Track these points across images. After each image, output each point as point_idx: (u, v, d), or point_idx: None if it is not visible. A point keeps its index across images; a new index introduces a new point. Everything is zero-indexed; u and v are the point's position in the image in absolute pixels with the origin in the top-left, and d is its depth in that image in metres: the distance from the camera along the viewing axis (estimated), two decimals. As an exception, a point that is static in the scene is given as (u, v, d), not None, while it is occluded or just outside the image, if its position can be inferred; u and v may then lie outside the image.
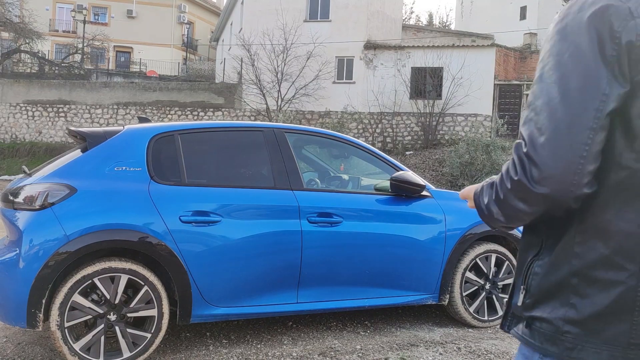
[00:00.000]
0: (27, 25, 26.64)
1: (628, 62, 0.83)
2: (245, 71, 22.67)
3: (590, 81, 0.84)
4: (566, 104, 0.85)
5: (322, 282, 3.55)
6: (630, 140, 0.86)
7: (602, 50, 0.84)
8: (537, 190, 0.87)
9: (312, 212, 3.46)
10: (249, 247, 3.32)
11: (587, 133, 0.84)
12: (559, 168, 0.85)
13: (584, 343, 0.89)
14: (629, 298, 0.86)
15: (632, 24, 0.83)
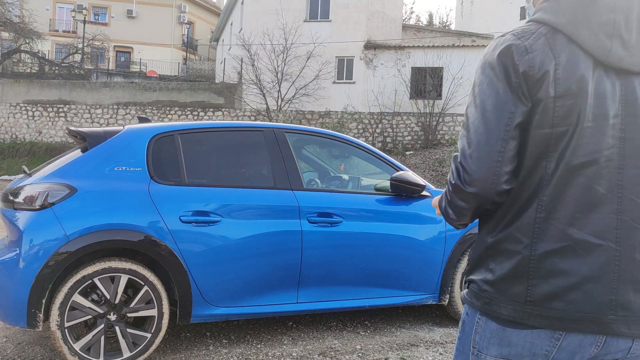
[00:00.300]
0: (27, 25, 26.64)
1: (527, 86, 1.09)
2: (245, 71, 22.67)
3: (500, 103, 1.11)
4: (484, 122, 1.11)
5: (322, 282, 3.55)
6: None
7: (509, 78, 1.10)
8: (468, 190, 1.14)
9: (312, 212, 3.46)
10: (249, 247, 3.32)
11: (500, 143, 1.10)
12: (482, 172, 1.11)
13: (495, 299, 1.15)
14: (525, 265, 1.11)
15: (527, 58, 1.10)
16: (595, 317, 1.07)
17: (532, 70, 1.09)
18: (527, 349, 1.12)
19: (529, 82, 1.09)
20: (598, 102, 1.08)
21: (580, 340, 1.09)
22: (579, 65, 1.09)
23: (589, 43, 1.09)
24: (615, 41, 1.09)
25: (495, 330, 1.15)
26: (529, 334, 1.11)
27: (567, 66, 1.09)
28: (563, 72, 1.09)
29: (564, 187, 1.10)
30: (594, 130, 1.08)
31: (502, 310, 1.14)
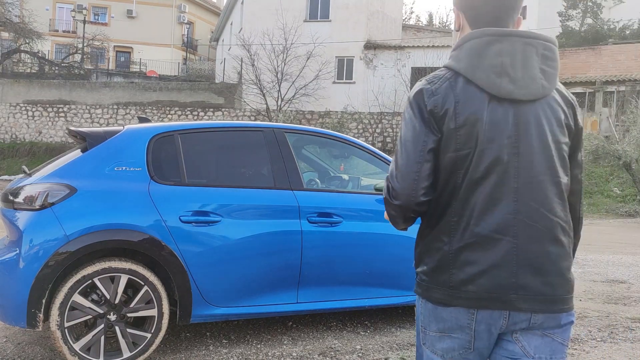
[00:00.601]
0: (27, 25, 26.64)
1: (434, 121, 1.38)
2: (245, 71, 22.67)
3: (416, 134, 1.39)
4: (405, 150, 1.40)
5: (322, 282, 3.55)
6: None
7: (422, 115, 1.39)
8: (395, 203, 1.43)
9: (312, 212, 3.45)
10: (249, 247, 3.32)
11: (417, 165, 1.38)
12: (403, 189, 1.40)
13: (430, 286, 1.46)
14: (446, 258, 1.41)
15: (433, 99, 1.38)
16: (500, 296, 1.35)
17: (437, 108, 1.39)
18: (455, 323, 1.42)
19: (436, 118, 1.39)
20: (492, 128, 1.36)
21: (490, 314, 1.37)
22: (475, 100, 1.37)
23: (483, 82, 1.37)
24: (504, 78, 1.36)
25: (432, 310, 1.46)
26: (453, 311, 1.41)
27: (464, 103, 1.37)
28: (461, 108, 1.37)
29: (469, 196, 1.38)
30: (490, 150, 1.35)
31: (434, 294, 1.44)
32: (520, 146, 1.36)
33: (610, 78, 20.58)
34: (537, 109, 1.39)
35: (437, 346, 1.47)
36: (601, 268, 6.60)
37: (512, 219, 1.36)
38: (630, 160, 15.02)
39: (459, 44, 1.44)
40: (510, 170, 1.36)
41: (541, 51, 1.41)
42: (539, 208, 1.36)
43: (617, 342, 3.75)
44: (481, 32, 1.41)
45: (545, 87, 1.39)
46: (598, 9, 27.66)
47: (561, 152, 1.40)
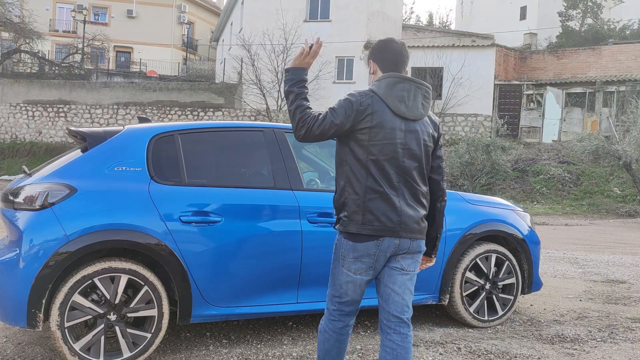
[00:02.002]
0: (27, 25, 26.63)
1: (354, 115, 2.24)
2: (245, 71, 22.66)
3: (338, 115, 2.25)
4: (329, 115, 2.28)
5: (322, 282, 3.55)
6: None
7: (350, 107, 2.26)
8: (300, 134, 2.27)
9: (312, 212, 3.45)
10: (249, 247, 3.32)
11: (329, 127, 2.25)
12: (314, 136, 2.26)
13: (349, 223, 2.28)
14: (360, 206, 2.25)
15: (362, 104, 2.25)
16: (393, 229, 2.27)
17: (361, 108, 2.26)
18: (365, 251, 2.29)
19: (357, 114, 2.25)
20: (392, 131, 2.27)
21: (389, 241, 2.28)
22: (385, 114, 2.27)
23: (390, 104, 2.29)
24: (402, 105, 2.30)
25: (352, 245, 2.30)
26: (366, 245, 2.28)
27: (379, 113, 2.26)
28: (376, 116, 2.26)
29: (374, 169, 2.27)
30: (389, 144, 2.26)
31: (351, 229, 2.28)
32: (406, 143, 2.30)
33: (611, 78, 20.59)
34: (417, 125, 2.33)
35: (352, 267, 2.32)
36: (601, 268, 6.60)
37: (397, 184, 2.29)
38: (630, 160, 15.02)
39: (380, 79, 2.35)
40: (398, 156, 2.28)
41: (423, 93, 2.38)
42: (410, 180, 2.32)
43: (617, 342, 3.75)
44: (394, 75, 2.36)
45: (423, 114, 2.36)
46: (598, 9, 27.66)
47: (427, 149, 2.37)
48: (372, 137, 2.24)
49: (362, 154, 2.25)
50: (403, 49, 2.45)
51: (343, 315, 2.40)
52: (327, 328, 2.42)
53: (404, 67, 2.44)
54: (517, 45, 25.04)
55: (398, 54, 2.42)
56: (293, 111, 2.28)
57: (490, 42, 23.22)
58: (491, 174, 17.85)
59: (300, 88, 2.32)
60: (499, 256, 4.03)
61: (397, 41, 2.47)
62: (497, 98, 21.52)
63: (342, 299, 2.37)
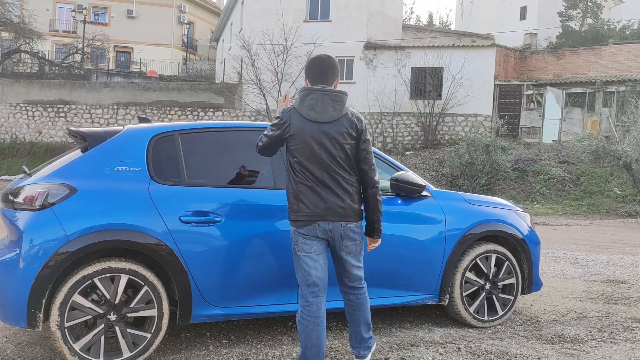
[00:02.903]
0: (27, 25, 26.64)
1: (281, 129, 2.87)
2: (245, 71, 22.67)
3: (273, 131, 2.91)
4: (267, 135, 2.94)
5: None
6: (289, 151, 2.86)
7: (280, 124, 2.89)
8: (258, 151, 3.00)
9: None
10: (249, 247, 3.32)
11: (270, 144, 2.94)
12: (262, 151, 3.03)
13: (291, 213, 2.87)
14: (294, 198, 2.82)
15: (282, 117, 2.89)
16: (323, 214, 2.76)
17: (282, 122, 2.83)
18: (308, 232, 2.80)
19: (281, 128, 2.83)
20: (307, 136, 2.76)
21: (324, 225, 2.78)
22: (300, 122, 2.78)
23: (303, 113, 2.78)
24: (313, 111, 2.77)
25: (294, 228, 2.85)
26: (305, 225, 2.79)
27: (294, 123, 2.79)
28: (293, 126, 2.79)
29: (298, 167, 2.79)
30: (305, 146, 2.76)
31: (293, 217, 2.83)
32: (322, 143, 2.76)
33: (611, 78, 20.59)
34: (330, 126, 2.78)
35: (305, 248, 2.81)
36: (601, 268, 6.60)
37: (321, 177, 2.76)
38: (630, 160, 15.02)
39: (297, 93, 2.86)
40: (317, 154, 2.75)
41: (332, 98, 2.82)
42: (333, 173, 2.77)
43: (617, 342, 3.75)
44: (303, 89, 2.86)
45: (335, 115, 2.79)
46: (598, 9, 27.66)
47: (343, 146, 2.78)
48: (294, 143, 2.79)
49: (290, 157, 2.82)
50: (327, 61, 2.91)
51: (314, 297, 2.77)
52: (304, 315, 2.75)
53: (331, 77, 2.90)
54: (517, 45, 25.04)
55: (321, 67, 2.89)
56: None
57: (490, 42, 23.22)
58: (491, 174, 17.85)
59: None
60: (499, 256, 4.03)
61: (322, 56, 2.96)
62: (497, 98, 21.53)
63: (308, 280, 2.78)
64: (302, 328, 2.75)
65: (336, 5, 22.90)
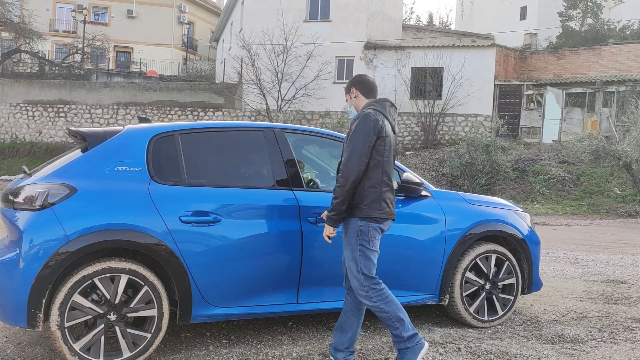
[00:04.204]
0: (27, 25, 26.64)
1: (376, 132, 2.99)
2: (246, 71, 22.66)
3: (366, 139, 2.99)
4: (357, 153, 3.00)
5: (322, 282, 3.55)
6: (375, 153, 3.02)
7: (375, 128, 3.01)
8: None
9: (313, 212, 3.45)
10: (249, 247, 3.32)
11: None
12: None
13: (371, 211, 2.99)
14: (380, 197, 3.04)
15: (379, 122, 3.02)
16: (392, 213, 3.09)
17: (377, 124, 2.99)
18: (385, 227, 3.09)
19: (377, 130, 2.99)
20: (392, 140, 3.10)
21: (390, 222, 3.14)
22: (387, 126, 3.04)
23: (390, 120, 3.11)
24: (393, 120, 3.15)
25: (378, 224, 3.03)
26: (385, 221, 3.05)
27: (384, 126, 3.02)
28: (386, 129, 3.02)
29: (385, 167, 3.02)
30: (390, 149, 3.07)
31: (376, 215, 2.98)
32: (396, 150, 3.16)
33: (611, 78, 20.59)
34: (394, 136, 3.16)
35: (376, 245, 3.04)
36: (601, 268, 6.60)
37: (392, 179, 3.11)
38: (630, 160, 15.01)
39: (377, 101, 3.15)
40: (393, 159, 3.13)
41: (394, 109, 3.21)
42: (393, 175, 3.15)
43: (617, 342, 3.75)
44: (382, 99, 3.17)
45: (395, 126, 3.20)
46: (598, 9, 27.66)
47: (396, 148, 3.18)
48: (385, 145, 3.01)
49: (379, 156, 2.99)
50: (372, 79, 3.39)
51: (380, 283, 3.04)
52: (385, 294, 3.02)
53: (376, 91, 3.30)
54: (517, 45, 25.04)
55: (373, 83, 3.29)
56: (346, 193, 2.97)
57: (490, 42, 23.21)
58: (491, 174, 17.84)
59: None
60: (499, 256, 4.03)
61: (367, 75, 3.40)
62: (497, 98, 21.52)
63: (373, 272, 3.03)
64: (391, 304, 3.01)
65: (336, 5, 22.89)
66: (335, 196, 2.94)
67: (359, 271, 2.99)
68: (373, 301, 3.00)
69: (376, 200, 2.97)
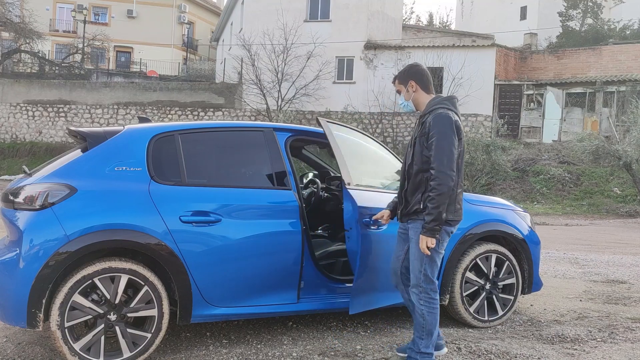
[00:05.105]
0: (27, 25, 26.63)
1: (458, 133, 2.97)
2: (246, 71, 22.66)
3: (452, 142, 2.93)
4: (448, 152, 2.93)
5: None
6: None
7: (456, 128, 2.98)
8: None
9: (368, 214, 3.42)
10: (249, 247, 3.32)
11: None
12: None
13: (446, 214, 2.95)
14: (453, 199, 2.95)
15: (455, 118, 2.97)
16: (462, 215, 3.09)
17: (458, 126, 2.96)
18: (454, 230, 3.06)
19: (458, 132, 2.96)
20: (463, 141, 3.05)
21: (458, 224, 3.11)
22: (462, 127, 2.99)
23: (460, 118, 3.02)
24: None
25: (449, 227, 3.01)
26: (456, 224, 3.08)
27: (461, 128, 2.99)
28: (462, 131, 2.99)
29: (460, 170, 2.99)
30: (463, 150, 3.04)
31: (452, 217, 2.97)
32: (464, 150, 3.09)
33: (611, 78, 20.58)
34: None
35: (443, 246, 3.03)
36: (601, 268, 6.60)
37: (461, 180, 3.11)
38: (630, 160, 15.01)
39: (449, 100, 3.05)
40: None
41: None
42: None
43: (617, 342, 3.75)
44: (452, 96, 3.09)
45: None
46: (598, 9, 27.65)
47: None
48: (460, 146, 2.97)
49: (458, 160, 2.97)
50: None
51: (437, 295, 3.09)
52: (434, 304, 3.06)
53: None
54: (517, 45, 25.03)
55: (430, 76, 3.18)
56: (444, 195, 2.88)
57: (490, 42, 23.21)
58: (491, 174, 17.84)
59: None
60: (499, 256, 4.03)
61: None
62: (497, 98, 21.52)
63: (435, 276, 3.03)
64: (433, 317, 3.05)
65: (336, 5, 22.88)
66: (435, 205, 2.83)
67: (421, 272, 3.00)
68: (420, 303, 3.03)
69: (452, 203, 2.92)
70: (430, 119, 2.94)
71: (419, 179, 2.99)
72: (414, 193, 3.01)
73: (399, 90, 3.20)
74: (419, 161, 2.98)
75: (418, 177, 2.99)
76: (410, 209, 3.02)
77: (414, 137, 3.07)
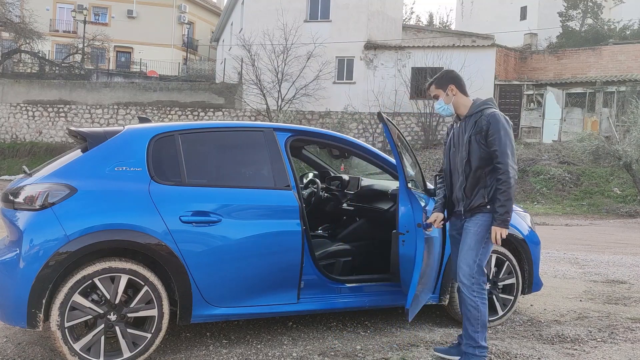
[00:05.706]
0: (27, 25, 26.62)
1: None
2: (246, 71, 22.66)
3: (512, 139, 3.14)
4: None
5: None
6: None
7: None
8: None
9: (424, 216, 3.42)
10: (250, 247, 3.32)
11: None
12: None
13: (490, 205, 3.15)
14: (489, 193, 3.14)
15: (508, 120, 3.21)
16: None
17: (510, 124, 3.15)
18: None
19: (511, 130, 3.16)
20: None
21: None
22: None
23: None
24: None
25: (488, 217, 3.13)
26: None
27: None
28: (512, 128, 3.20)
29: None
30: None
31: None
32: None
33: (611, 78, 20.57)
34: None
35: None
36: (601, 268, 6.60)
37: None
38: (630, 160, 15.00)
39: (491, 100, 3.25)
40: None
41: None
42: None
43: (617, 342, 3.75)
44: (492, 98, 3.23)
45: None
46: (598, 9, 27.63)
47: None
48: None
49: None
50: None
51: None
52: (484, 299, 3.10)
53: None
54: (517, 46, 25.03)
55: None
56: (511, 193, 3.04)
57: (490, 42, 23.20)
58: (491, 174, 17.82)
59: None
60: (499, 256, 4.03)
61: None
62: (498, 98, 21.51)
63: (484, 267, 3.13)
64: (487, 308, 3.11)
65: (336, 5, 22.88)
66: (507, 197, 3.02)
67: (475, 262, 3.08)
68: (474, 295, 3.08)
69: None
70: (486, 118, 3.10)
71: (478, 175, 3.12)
72: (474, 189, 3.14)
73: (436, 95, 3.31)
74: (476, 158, 3.11)
75: (477, 173, 3.12)
76: (473, 203, 3.14)
77: (469, 135, 3.15)
